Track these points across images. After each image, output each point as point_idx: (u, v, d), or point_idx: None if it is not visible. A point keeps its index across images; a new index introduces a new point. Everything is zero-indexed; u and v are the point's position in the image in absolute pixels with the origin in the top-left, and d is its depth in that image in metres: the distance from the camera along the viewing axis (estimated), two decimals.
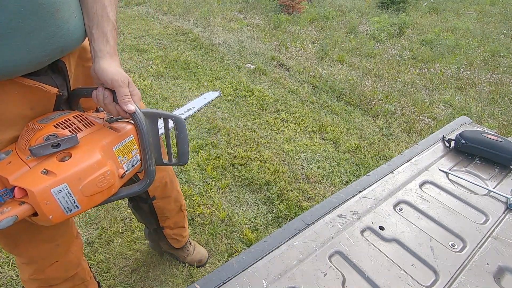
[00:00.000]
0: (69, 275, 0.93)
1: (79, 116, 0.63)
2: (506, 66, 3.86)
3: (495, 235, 0.78)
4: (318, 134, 2.52)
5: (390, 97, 3.11)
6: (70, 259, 0.90)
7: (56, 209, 0.50)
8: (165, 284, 1.39)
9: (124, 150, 0.61)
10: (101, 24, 0.64)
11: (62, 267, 0.88)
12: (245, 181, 1.98)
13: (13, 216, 0.48)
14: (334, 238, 0.75)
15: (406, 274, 0.68)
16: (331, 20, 5.67)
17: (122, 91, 0.61)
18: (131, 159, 0.61)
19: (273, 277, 0.66)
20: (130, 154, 0.61)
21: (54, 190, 0.49)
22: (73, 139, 0.54)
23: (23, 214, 0.49)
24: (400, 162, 1.00)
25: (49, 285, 0.90)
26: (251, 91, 3.07)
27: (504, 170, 1.00)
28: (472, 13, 6.43)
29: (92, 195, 0.54)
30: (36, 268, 0.84)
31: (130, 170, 0.62)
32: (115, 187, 0.58)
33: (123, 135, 0.62)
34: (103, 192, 0.55)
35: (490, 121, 2.79)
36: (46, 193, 0.49)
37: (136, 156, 0.63)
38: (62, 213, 0.51)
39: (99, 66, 0.62)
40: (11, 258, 1.44)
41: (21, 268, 0.87)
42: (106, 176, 0.55)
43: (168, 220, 1.22)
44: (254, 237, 1.60)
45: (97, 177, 0.54)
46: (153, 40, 4.35)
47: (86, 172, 0.52)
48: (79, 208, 0.53)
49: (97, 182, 0.54)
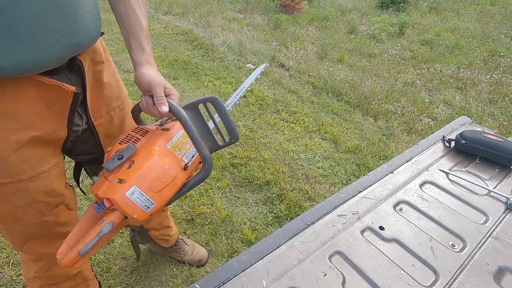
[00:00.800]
0: (73, 273, 0.94)
1: (136, 129, 0.72)
2: (506, 66, 3.86)
3: (495, 235, 0.78)
4: (318, 134, 2.52)
5: (390, 97, 3.11)
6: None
7: (136, 208, 0.59)
8: (165, 284, 1.39)
9: (179, 145, 0.68)
10: (137, 34, 0.69)
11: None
12: (245, 181, 1.98)
13: (110, 222, 0.58)
14: (334, 238, 0.75)
15: (406, 274, 0.68)
16: (331, 20, 5.67)
17: (157, 92, 0.66)
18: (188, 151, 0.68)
19: (273, 277, 0.66)
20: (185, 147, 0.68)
21: (128, 193, 0.59)
22: (130, 148, 0.63)
23: (117, 219, 0.59)
24: (400, 162, 1.00)
25: (52, 283, 0.91)
26: (251, 91, 3.07)
27: (504, 170, 1.00)
28: (472, 13, 6.43)
29: (161, 190, 0.61)
30: (43, 265, 0.85)
31: (191, 161, 0.68)
32: (180, 179, 0.64)
33: (173, 133, 0.69)
34: (169, 186, 0.62)
35: (490, 121, 2.79)
36: (123, 198, 0.58)
37: (192, 148, 0.69)
38: (143, 211, 0.60)
39: (138, 73, 0.68)
40: (11, 258, 1.44)
41: (26, 265, 0.87)
42: (166, 171, 0.62)
43: (151, 222, 1.22)
44: (254, 237, 1.60)
45: (158, 174, 0.61)
46: (153, 40, 4.33)
47: (147, 172, 0.61)
48: (155, 204, 0.61)
49: (160, 177, 0.61)
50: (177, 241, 1.41)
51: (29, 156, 0.67)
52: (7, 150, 0.64)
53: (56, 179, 0.75)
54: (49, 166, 0.72)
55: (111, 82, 0.82)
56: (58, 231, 0.81)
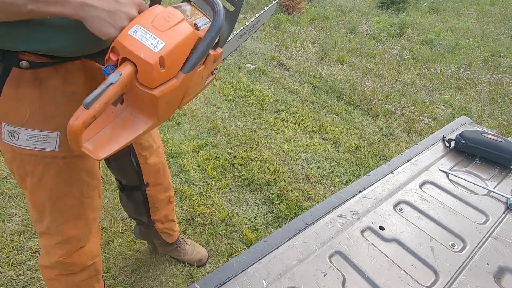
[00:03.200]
0: (88, 264, 0.97)
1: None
2: (506, 66, 3.86)
3: (495, 235, 0.78)
4: (318, 134, 2.52)
5: (390, 97, 3.11)
6: (92, 248, 0.97)
7: (142, 46, 0.53)
8: (165, 284, 1.39)
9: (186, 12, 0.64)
10: None
11: (85, 254, 0.94)
12: (245, 181, 1.98)
13: (117, 71, 0.53)
14: (334, 238, 0.75)
15: (406, 274, 0.68)
16: (331, 20, 5.67)
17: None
18: (198, 19, 0.63)
19: (273, 277, 0.66)
20: (195, 16, 0.64)
21: (130, 32, 0.54)
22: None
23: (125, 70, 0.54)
24: (400, 162, 1.00)
25: (68, 272, 0.94)
26: (251, 91, 3.07)
27: (504, 170, 1.00)
28: (472, 13, 6.43)
29: (167, 29, 0.56)
30: (69, 249, 0.90)
31: (203, 26, 0.63)
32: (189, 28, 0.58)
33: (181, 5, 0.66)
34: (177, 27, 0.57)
35: (490, 121, 2.79)
36: (125, 36, 0.54)
37: (203, 18, 0.65)
38: (150, 49, 0.53)
39: None
40: (11, 258, 1.44)
41: (52, 249, 0.90)
42: (170, 12, 0.58)
43: (159, 213, 1.24)
44: (254, 237, 1.60)
45: (161, 14, 0.57)
46: None
47: (149, 12, 0.57)
48: (164, 43, 0.54)
49: (164, 17, 0.57)
50: (178, 239, 1.42)
51: None
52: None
53: (96, 162, 0.86)
54: None
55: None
56: (89, 216, 0.89)
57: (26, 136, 0.70)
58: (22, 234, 1.55)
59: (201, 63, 0.63)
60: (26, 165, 0.75)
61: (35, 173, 0.76)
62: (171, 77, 0.57)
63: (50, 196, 0.80)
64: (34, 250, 1.48)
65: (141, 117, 0.60)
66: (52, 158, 0.74)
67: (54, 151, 0.73)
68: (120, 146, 0.58)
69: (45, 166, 0.75)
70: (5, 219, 1.61)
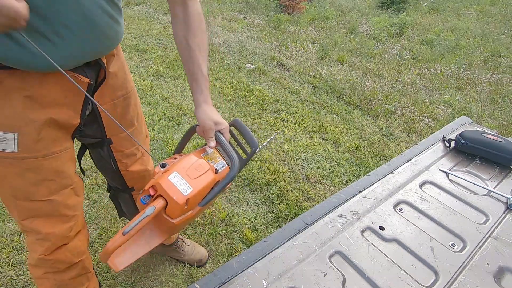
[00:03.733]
0: (75, 261, 0.96)
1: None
2: (506, 66, 3.86)
3: (495, 235, 0.78)
4: (318, 134, 2.52)
5: (390, 97, 3.11)
6: (77, 245, 0.96)
7: (176, 190, 0.69)
8: (165, 284, 1.39)
9: (210, 156, 0.82)
10: (197, 79, 0.85)
11: (69, 251, 0.94)
12: (245, 181, 1.98)
13: (153, 206, 0.66)
14: (334, 238, 0.75)
15: (406, 274, 0.68)
16: (331, 20, 5.67)
17: (208, 133, 0.84)
18: (219, 162, 0.82)
19: (273, 277, 0.66)
20: (216, 159, 0.82)
21: (170, 177, 0.70)
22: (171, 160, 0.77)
23: (158, 204, 0.68)
24: (400, 162, 1.00)
25: (55, 270, 0.94)
26: (251, 91, 3.07)
27: (504, 170, 1.00)
28: (472, 13, 6.43)
29: (196, 178, 0.73)
30: (48, 247, 0.89)
31: (221, 169, 0.81)
32: (212, 176, 0.76)
33: (206, 149, 0.85)
34: (203, 176, 0.74)
35: (490, 121, 2.79)
36: (166, 180, 0.69)
37: (222, 161, 0.83)
38: (181, 193, 0.69)
39: (198, 111, 0.84)
40: (11, 258, 1.44)
41: (34, 245, 0.90)
42: (200, 164, 0.76)
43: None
44: (254, 237, 1.60)
45: (194, 165, 0.75)
46: (153, 40, 4.35)
47: (186, 162, 0.75)
48: (192, 189, 0.70)
49: (195, 167, 0.74)
50: (177, 240, 1.42)
51: (44, 136, 0.76)
52: (28, 127, 0.73)
53: (66, 162, 0.85)
54: (61, 148, 0.82)
55: (117, 72, 0.91)
56: (64, 213, 0.88)
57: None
58: (22, 234, 1.55)
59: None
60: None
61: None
62: (190, 210, 0.72)
63: (15, 195, 0.81)
64: None
65: (157, 234, 0.74)
66: (12, 159, 0.75)
67: (13, 152, 0.73)
68: (136, 257, 0.70)
69: (6, 166, 0.76)
70: (5, 219, 1.61)
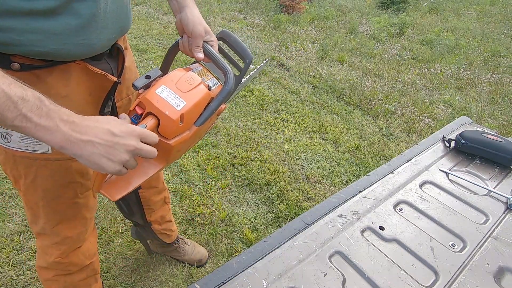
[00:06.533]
0: (86, 263, 0.97)
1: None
2: (506, 66, 3.85)
3: (495, 235, 0.78)
4: (318, 134, 2.52)
5: (390, 97, 3.11)
6: (89, 247, 0.97)
7: (166, 104, 0.62)
8: (165, 284, 1.39)
9: (201, 73, 0.74)
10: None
11: (82, 253, 0.94)
12: (245, 181, 1.98)
13: (142, 124, 0.60)
14: (334, 238, 0.75)
15: (406, 274, 0.68)
16: (331, 20, 5.67)
17: (196, 43, 0.75)
18: (209, 80, 0.74)
19: (273, 277, 0.66)
20: (207, 76, 0.75)
21: (157, 91, 0.62)
22: (156, 70, 0.68)
23: (149, 122, 0.61)
24: (400, 162, 1.00)
25: (66, 273, 0.94)
26: (251, 91, 3.07)
27: (504, 170, 1.00)
28: (472, 13, 6.43)
29: (189, 91, 0.66)
30: (65, 250, 0.90)
31: (214, 86, 0.74)
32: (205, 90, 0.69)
33: (194, 66, 0.77)
34: (196, 90, 0.67)
35: (490, 121, 2.79)
36: (153, 94, 0.62)
37: (213, 79, 0.75)
38: (173, 107, 0.62)
39: (185, 16, 0.75)
40: (11, 258, 1.44)
41: (49, 249, 0.90)
42: (191, 76, 0.68)
43: (154, 214, 1.24)
44: (254, 237, 1.60)
45: (184, 77, 0.67)
46: (153, 40, 4.34)
47: (174, 75, 0.67)
48: (185, 103, 0.64)
49: (186, 80, 0.67)
50: (177, 239, 1.42)
51: None
52: None
53: None
54: None
55: (131, 66, 0.89)
56: (85, 216, 0.89)
57: (18, 138, 0.69)
58: (22, 234, 1.55)
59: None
60: (19, 167, 0.75)
61: (28, 175, 0.76)
62: (186, 130, 0.67)
63: (43, 197, 0.80)
64: (34, 250, 1.48)
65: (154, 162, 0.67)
66: (45, 160, 0.74)
67: (47, 153, 0.72)
68: (133, 187, 0.65)
69: (38, 168, 0.75)
70: (5, 219, 1.61)
